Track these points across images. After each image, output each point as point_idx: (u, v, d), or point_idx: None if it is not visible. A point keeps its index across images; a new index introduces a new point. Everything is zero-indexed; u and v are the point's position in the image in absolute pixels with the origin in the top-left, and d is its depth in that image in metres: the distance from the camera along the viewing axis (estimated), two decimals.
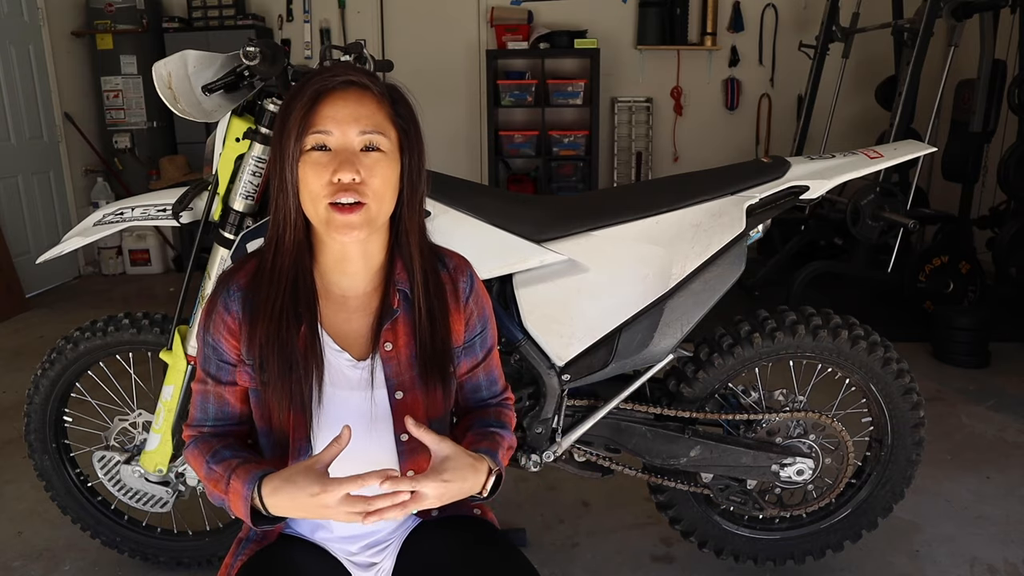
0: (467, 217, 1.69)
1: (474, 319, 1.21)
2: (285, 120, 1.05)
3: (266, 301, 1.09)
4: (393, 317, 1.13)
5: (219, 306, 1.12)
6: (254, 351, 1.10)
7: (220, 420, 1.18)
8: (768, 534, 1.97)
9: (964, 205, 4.44)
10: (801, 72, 5.23)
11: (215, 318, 1.12)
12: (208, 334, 1.13)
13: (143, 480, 1.91)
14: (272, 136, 1.10)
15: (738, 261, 1.74)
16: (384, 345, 1.14)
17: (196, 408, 1.19)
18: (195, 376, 1.19)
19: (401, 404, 1.15)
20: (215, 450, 1.13)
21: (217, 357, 1.14)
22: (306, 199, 1.05)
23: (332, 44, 1.85)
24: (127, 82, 5.49)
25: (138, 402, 2.00)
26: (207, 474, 1.12)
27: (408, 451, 1.17)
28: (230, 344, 1.13)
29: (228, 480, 1.07)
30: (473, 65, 5.91)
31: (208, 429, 1.18)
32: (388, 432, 1.17)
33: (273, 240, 1.10)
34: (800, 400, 1.85)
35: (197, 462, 1.14)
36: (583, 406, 1.82)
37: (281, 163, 1.06)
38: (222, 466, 1.09)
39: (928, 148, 1.88)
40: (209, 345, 1.14)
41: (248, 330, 1.11)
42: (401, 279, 1.14)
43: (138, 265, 5.58)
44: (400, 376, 1.15)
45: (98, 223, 1.81)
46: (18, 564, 2.13)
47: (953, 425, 2.90)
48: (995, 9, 3.92)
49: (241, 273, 1.13)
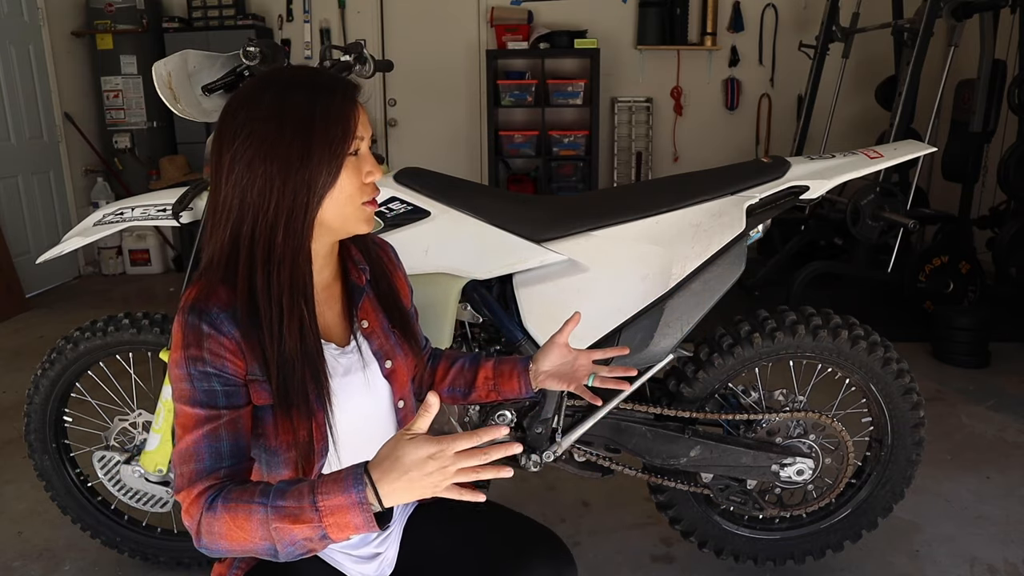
0: (467, 217, 1.69)
1: (408, 282, 1.32)
2: (317, 127, 1.01)
3: (290, 319, 1.03)
4: (364, 294, 1.19)
5: (208, 332, 1.01)
6: (272, 367, 1.03)
7: (236, 456, 1.02)
8: (768, 534, 1.97)
9: (964, 205, 4.44)
10: (801, 72, 5.23)
11: (209, 344, 1.01)
12: (206, 365, 1.00)
13: (143, 480, 1.91)
14: (271, 146, 1.00)
15: (738, 261, 1.74)
16: (361, 323, 1.19)
17: (201, 460, 0.99)
18: (187, 428, 1.01)
19: (393, 372, 1.21)
20: (262, 490, 0.94)
21: (223, 384, 1.02)
22: (337, 201, 1.06)
23: (332, 44, 1.85)
24: (127, 82, 5.49)
25: (138, 402, 2.00)
26: (262, 519, 0.92)
27: (404, 418, 1.23)
28: (235, 365, 1.03)
29: (314, 502, 0.90)
30: (473, 65, 5.91)
31: (225, 471, 1.00)
32: (388, 404, 1.22)
33: (287, 256, 1.03)
34: (800, 400, 1.85)
35: (239, 517, 0.93)
36: (583, 406, 1.82)
37: (312, 172, 1.01)
38: (289, 499, 0.92)
39: (928, 148, 1.88)
40: (211, 376, 1.01)
41: (252, 348, 1.03)
42: (358, 257, 1.20)
43: (138, 265, 5.59)
44: (383, 347, 1.20)
45: (98, 223, 1.81)
46: (18, 564, 2.13)
47: (953, 425, 2.90)
48: (995, 9, 3.92)
49: (213, 298, 1.02)
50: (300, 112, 1.01)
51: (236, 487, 0.97)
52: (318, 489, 0.91)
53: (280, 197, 1.01)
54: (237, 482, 0.99)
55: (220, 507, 0.95)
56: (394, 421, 1.23)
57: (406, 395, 1.24)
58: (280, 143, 1.00)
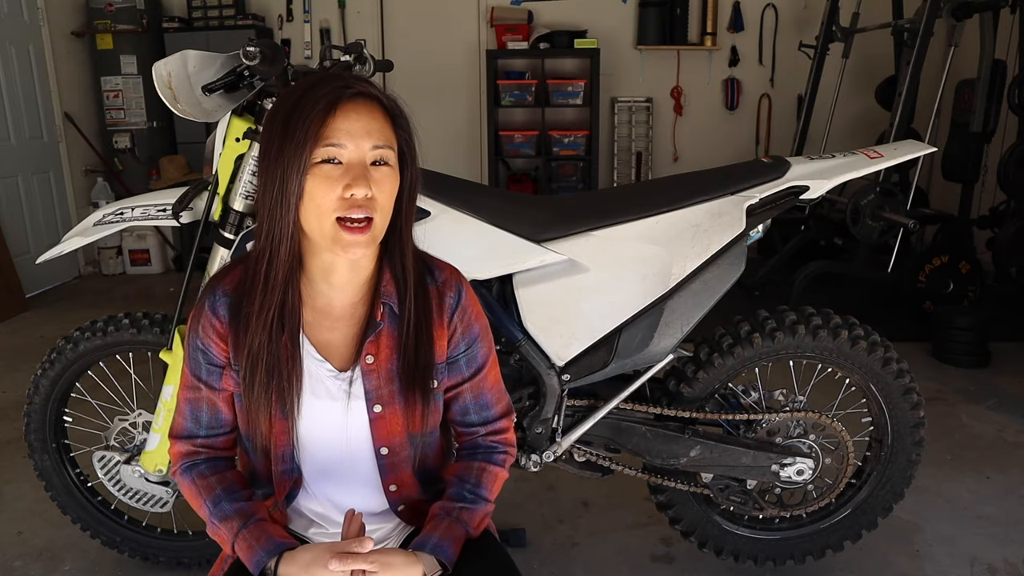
0: (467, 217, 1.69)
1: (457, 335, 1.17)
2: (290, 128, 1.00)
3: (259, 313, 1.06)
4: (377, 330, 1.12)
5: (206, 309, 1.11)
6: (240, 359, 1.09)
7: (213, 428, 1.17)
8: (768, 534, 1.97)
9: (964, 205, 4.44)
10: (801, 72, 5.23)
11: (203, 321, 1.11)
12: (197, 337, 1.12)
13: (143, 480, 1.91)
14: (266, 142, 1.04)
15: (738, 261, 1.74)
16: (366, 357, 1.12)
17: (186, 417, 1.17)
18: (182, 383, 1.17)
19: (379, 418, 1.14)
20: (216, 497, 1.13)
21: (207, 361, 1.13)
22: (310, 212, 1.01)
23: (332, 44, 1.85)
24: (127, 82, 5.49)
25: (138, 402, 2.00)
26: (207, 522, 1.13)
27: (389, 465, 1.17)
28: (219, 348, 1.12)
29: (234, 539, 1.09)
30: (473, 65, 5.91)
31: (201, 440, 1.17)
32: (367, 445, 1.16)
33: (267, 252, 1.05)
34: (800, 400, 1.85)
35: (195, 501, 1.15)
36: (583, 406, 1.81)
37: (283, 173, 1.00)
38: (226, 525, 1.11)
39: (928, 148, 1.88)
40: (198, 349, 1.12)
41: (234, 338, 1.10)
42: (388, 292, 1.12)
43: (138, 265, 5.58)
44: (379, 390, 1.13)
45: (98, 223, 1.81)
46: (18, 564, 2.13)
47: (953, 425, 2.90)
48: (995, 9, 3.92)
49: (227, 278, 1.12)
50: (283, 114, 1.03)
51: (205, 472, 1.15)
52: (241, 534, 1.09)
53: (263, 193, 1.05)
54: (210, 460, 1.17)
55: (187, 482, 1.15)
56: (373, 465, 1.17)
57: (394, 445, 1.15)
58: (270, 141, 1.04)
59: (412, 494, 1.21)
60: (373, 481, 1.18)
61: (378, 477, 1.18)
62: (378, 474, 1.17)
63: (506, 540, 2.13)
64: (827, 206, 4.10)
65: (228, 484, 1.15)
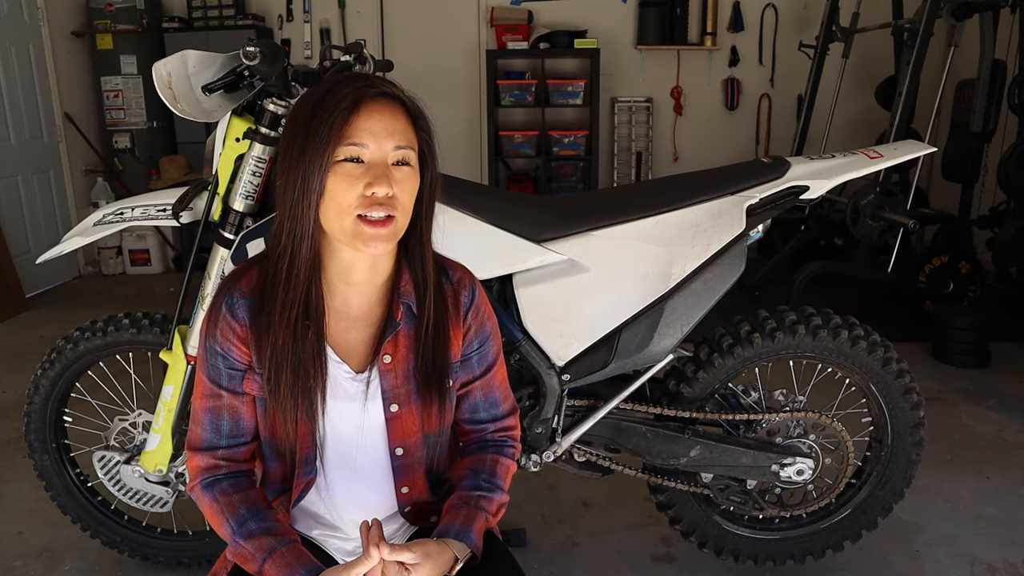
0: (467, 217, 1.69)
1: (471, 334, 1.19)
2: (313, 126, 1.01)
3: (281, 311, 1.06)
4: (396, 330, 1.12)
5: (224, 313, 1.09)
6: (264, 360, 1.08)
7: (235, 437, 1.13)
8: (768, 534, 1.97)
9: (964, 205, 4.44)
10: (801, 72, 5.23)
11: (222, 325, 1.09)
12: (215, 342, 1.09)
13: (143, 480, 1.91)
14: (288, 140, 1.05)
15: (738, 261, 1.74)
16: (383, 357, 1.12)
17: (205, 428, 1.13)
18: (198, 392, 1.13)
19: (396, 418, 1.15)
20: (240, 516, 1.09)
21: (227, 366, 1.10)
22: (330, 210, 1.02)
23: (332, 44, 1.85)
24: (127, 82, 5.49)
25: (138, 402, 2.00)
26: (230, 541, 1.10)
27: (403, 467, 1.17)
28: (240, 351, 1.10)
29: (266, 558, 1.07)
30: (473, 65, 5.91)
31: (223, 452, 1.13)
32: (382, 446, 1.16)
33: (288, 249, 1.05)
34: (800, 400, 1.85)
35: (216, 518, 1.11)
36: (583, 406, 1.82)
37: (305, 171, 1.01)
38: (253, 544, 1.08)
39: (928, 148, 1.88)
40: (217, 354, 1.10)
41: (256, 339, 1.08)
42: (407, 292, 1.13)
43: (138, 265, 5.59)
44: (396, 390, 1.14)
45: (98, 223, 1.81)
46: (18, 564, 2.13)
47: (953, 425, 2.90)
48: (995, 9, 3.92)
49: (244, 280, 1.10)
50: (305, 113, 1.03)
51: (228, 490, 1.11)
52: (269, 560, 1.06)
53: (284, 192, 1.05)
54: (231, 476, 1.13)
55: (208, 499, 1.11)
56: (386, 467, 1.18)
57: (409, 445, 1.16)
58: (293, 139, 1.04)
59: (422, 496, 1.21)
60: (385, 483, 1.19)
61: (391, 479, 1.18)
62: (391, 476, 1.18)
63: (506, 540, 2.12)
64: (827, 206, 4.10)
65: (252, 503, 1.12)
